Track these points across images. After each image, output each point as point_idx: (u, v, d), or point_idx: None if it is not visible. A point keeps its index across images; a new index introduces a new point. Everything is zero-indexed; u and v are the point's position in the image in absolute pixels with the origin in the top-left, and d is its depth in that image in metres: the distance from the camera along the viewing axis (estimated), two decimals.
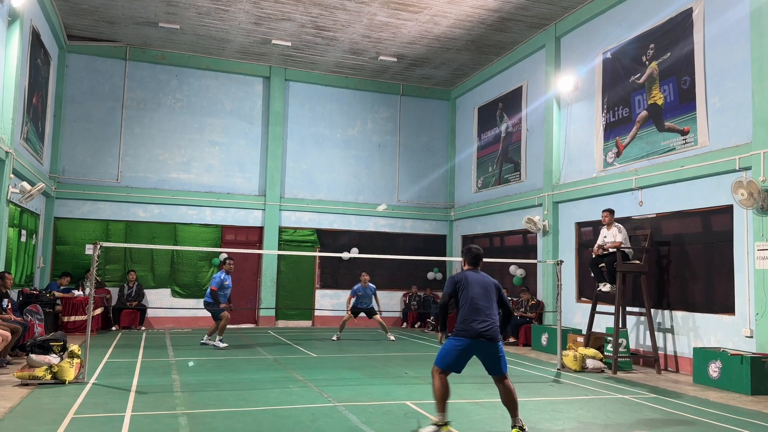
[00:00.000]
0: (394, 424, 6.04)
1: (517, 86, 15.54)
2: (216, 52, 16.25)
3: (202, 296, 15.96)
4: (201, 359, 10.16)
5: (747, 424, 6.39)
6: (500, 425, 6.08)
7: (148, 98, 16.17)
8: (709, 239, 9.96)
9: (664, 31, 10.89)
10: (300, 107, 17.46)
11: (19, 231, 12.32)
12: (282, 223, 16.99)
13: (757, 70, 8.95)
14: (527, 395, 7.68)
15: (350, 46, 15.50)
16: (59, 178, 15.16)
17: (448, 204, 18.62)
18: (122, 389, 7.44)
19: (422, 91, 18.61)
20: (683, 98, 10.42)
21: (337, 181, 17.67)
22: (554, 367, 9.98)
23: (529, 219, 13.83)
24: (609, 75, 12.25)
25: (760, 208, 8.72)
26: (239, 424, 5.87)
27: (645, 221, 11.20)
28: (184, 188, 16.22)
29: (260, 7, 13.37)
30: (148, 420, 5.98)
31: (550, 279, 13.34)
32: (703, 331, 9.77)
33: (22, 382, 7.53)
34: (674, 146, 10.56)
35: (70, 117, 15.45)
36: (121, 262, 15.63)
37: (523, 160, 15.12)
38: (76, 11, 13.85)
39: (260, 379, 8.50)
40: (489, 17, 13.51)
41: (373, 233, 17.91)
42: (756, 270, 8.76)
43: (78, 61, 15.58)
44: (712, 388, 8.54)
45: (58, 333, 8.94)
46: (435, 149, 18.76)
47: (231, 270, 12.07)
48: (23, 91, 11.86)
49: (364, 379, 8.65)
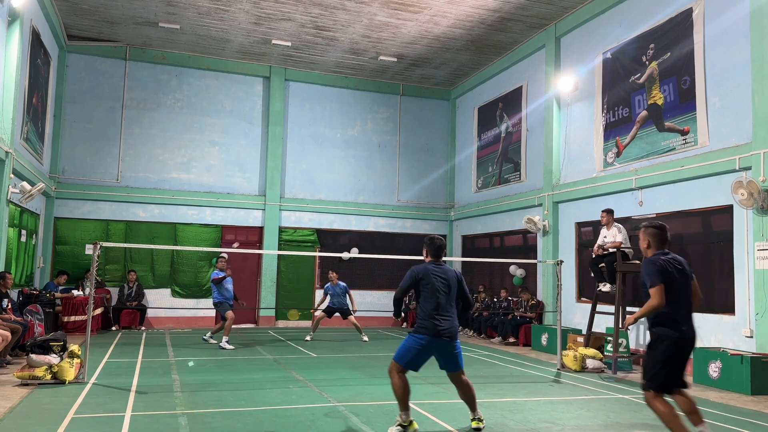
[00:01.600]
0: (394, 424, 6.03)
1: (517, 86, 15.54)
2: (216, 52, 16.25)
3: (202, 296, 16.09)
4: (201, 359, 10.16)
5: (747, 424, 6.39)
6: (500, 425, 6.08)
7: (148, 98, 16.17)
8: (709, 239, 9.96)
9: (664, 31, 10.89)
10: (300, 107, 17.46)
11: (19, 231, 12.32)
12: (282, 223, 16.99)
13: (757, 70, 8.96)
14: (527, 395, 7.69)
15: (350, 46, 15.50)
16: (59, 178, 15.16)
17: (448, 204, 18.62)
18: (122, 389, 7.44)
19: (422, 91, 18.61)
20: (683, 98, 10.42)
21: (337, 181, 17.67)
22: (554, 367, 9.98)
23: (529, 219, 13.84)
24: (609, 75, 12.25)
25: (760, 208, 8.72)
26: (239, 424, 5.87)
27: (645, 221, 11.18)
28: (184, 188, 16.22)
29: (260, 7, 13.37)
30: (148, 420, 5.98)
31: (550, 279, 13.34)
32: (703, 331, 9.77)
33: (22, 382, 7.53)
34: (674, 146, 10.57)
35: (70, 117, 15.46)
36: (121, 262, 15.64)
37: (523, 160, 15.12)
38: (76, 11, 13.85)
39: (260, 379, 8.50)
40: (489, 17, 13.51)
41: (373, 233, 17.91)
42: (756, 270, 8.76)
43: (78, 61, 15.58)
44: (712, 388, 8.54)
45: (58, 333, 8.95)
46: (435, 149, 18.76)
47: (224, 268, 12.03)
48: (23, 91, 11.86)
49: (364, 379, 8.65)
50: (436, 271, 5.64)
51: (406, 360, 5.53)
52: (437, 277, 5.60)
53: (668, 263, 5.04)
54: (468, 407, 5.78)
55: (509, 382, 8.65)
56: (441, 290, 5.55)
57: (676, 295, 4.97)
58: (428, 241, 5.90)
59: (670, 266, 5.02)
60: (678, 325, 4.93)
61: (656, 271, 4.94)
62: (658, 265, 5.01)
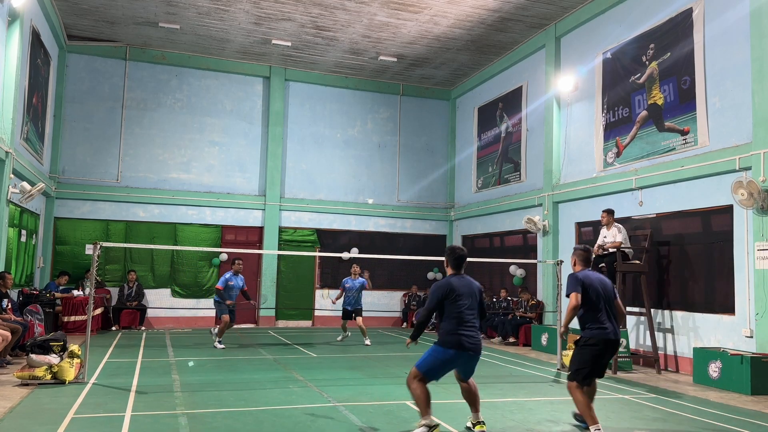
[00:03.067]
0: (394, 424, 6.04)
1: (517, 86, 15.54)
2: (216, 52, 16.25)
3: (202, 296, 16.10)
4: (201, 359, 10.16)
5: (747, 424, 6.39)
6: (500, 425, 6.08)
7: (148, 98, 16.17)
8: (709, 239, 9.96)
9: (664, 31, 10.89)
10: (300, 107, 17.46)
11: (19, 231, 12.32)
12: (282, 223, 16.99)
13: (757, 70, 8.95)
14: (527, 395, 7.69)
15: (350, 46, 15.50)
16: (59, 178, 15.16)
17: (448, 204, 18.62)
18: (122, 389, 7.44)
19: (422, 91, 18.61)
20: (683, 98, 10.42)
21: (337, 181, 17.67)
22: (554, 367, 9.98)
23: (529, 219, 13.84)
24: (609, 75, 12.25)
25: (760, 208, 8.72)
26: (239, 424, 5.87)
27: (645, 221, 11.20)
28: (184, 188, 16.22)
29: (260, 7, 13.37)
30: (148, 420, 5.98)
31: (550, 279, 13.34)
32: (703, 331, 9.78)
33: (22, 382, 7.53)
34: (674, 146, 10.56)
35: (70, 117, 15.46)
36: (121, 262, 15.64)
37: (523, 160, 15.12)
38: (76, 11, 13.85)
39: (260, 379, 8.49)
40: (489, 17, 13.51)
41: (373, 233, 17.91)
42: (756, 270, 8.76)
43: (78, 61, 15.58)
44: (712, 388, 8.53)
45: (58, 333, 8.94)
46: (435, 149, 18.76)
47: (239, 270, 12.00)
48: (23, 91, 11.86)
49: (364, 379, 8.65)
50: (461, 285, 5.56)
51: (430, 370, 5.46)
52: (463, 291, 5.53)
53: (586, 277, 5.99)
54: (470, 408, 5.78)
55: (509, 382, 8.65)
56: (466, 304, 5.50)
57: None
58: (449, 251, 5.80)
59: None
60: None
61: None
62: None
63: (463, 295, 5.53)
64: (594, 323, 5.81)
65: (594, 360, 5.76)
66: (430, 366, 5.47)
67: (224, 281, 11.78)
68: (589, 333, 5.80)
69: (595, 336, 5.76)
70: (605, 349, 5.76)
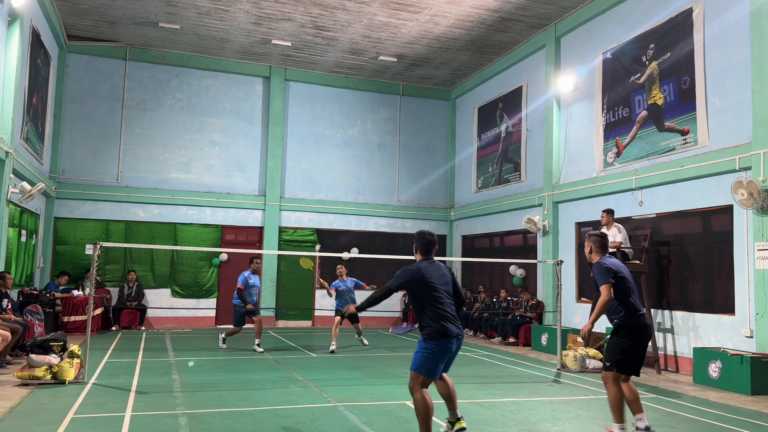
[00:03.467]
0: (394, 424, 6.04)
1: (517, 86, 15.54)
2: (216, 52, 16.25)
3: (202, 296, 16.09)
4: (201, 359, 10.16)
5: (747, 424, 6.39)
6: (500, 425, 6.08)
7: (148, 98, 16.17)
8: (709, 239, 9.96)
9: (664, 31, 10.89)
10: (300, 107, 17.46)
11: (19, 231, 12.32)
12: (282, 223, 16.99)
13: (757, 70, 8.95)
14: (527, 395, 7.69)
15: (350, 46, 15.50)
16: (59, 178, 15.16)
17: (448, 204, 18.62)
18: (122, 389, 7.44)
19: (422, 91, 18.61)
20: (683, 98, 10.42)
21: (337, 181, 17.67)
22: (554, 367, 9.98)
23: (529, 219, 13.84)
24: (609, 75, 12.25)
25: (760, 208, 8.72)
26: (239, 424, 5.87)
27: (645, 221, 11.20)
28: (184, 188, 16.22)
29: (260, 7, 13.37)
30: (148, 420, 5.98)
31: (550, 279, 13.34)
32: (703, 331, 9.78)
33: (22, 382, 7.53)
34: (674, 146, 10.57)
35: (70, 117, 15.45)
36: (121, 262, 15.64)
37: (523, 160, 15.12)
38: (76, 11, 13.85)
39: (260, 379, 8.50)
40: (489, 17, 13.51)
41: (373, 233, 17.92)
42: (756, 270, 8.76)
43: (78, 61, 15.59)
44: (712, 388, 8.54)
45: (58, 333, 8.94)
46: (435, 149, 18.76)
47: (258, 269, 11.71)
48: (23, 91, 11.86)
49: (364, 379, 8.65)
50: (433, 272, 5.28)
51: (429, 368, 5.09)
52: (436, 278, 5.28)
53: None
54: (448, 407, 5.48)
55: (509, 382, 8.65)
56: (442, 290, 5.25)
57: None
58: (418, 236, 5.51)
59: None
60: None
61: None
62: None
63: (438, 281, 5.26)
64: (632, 310, 5.61)
65: (633, 349, 5.57)
66: (425, 363, 5.11)
67: (244, 280, 11.30)
68: (629, 320, 5.59)
69: (637, 323, 5.59)
70: (644, 337, 5.63)
